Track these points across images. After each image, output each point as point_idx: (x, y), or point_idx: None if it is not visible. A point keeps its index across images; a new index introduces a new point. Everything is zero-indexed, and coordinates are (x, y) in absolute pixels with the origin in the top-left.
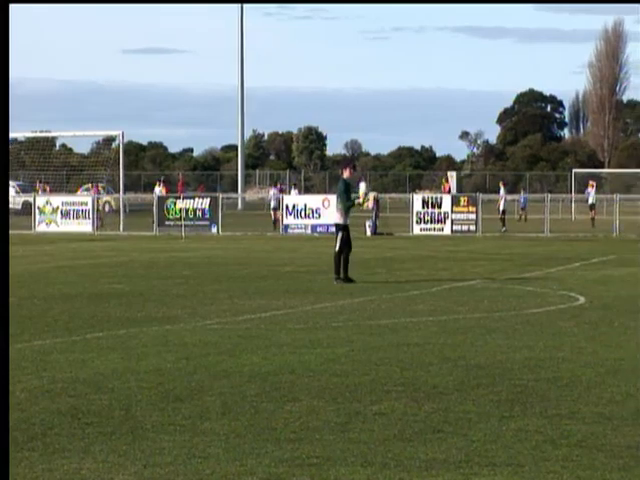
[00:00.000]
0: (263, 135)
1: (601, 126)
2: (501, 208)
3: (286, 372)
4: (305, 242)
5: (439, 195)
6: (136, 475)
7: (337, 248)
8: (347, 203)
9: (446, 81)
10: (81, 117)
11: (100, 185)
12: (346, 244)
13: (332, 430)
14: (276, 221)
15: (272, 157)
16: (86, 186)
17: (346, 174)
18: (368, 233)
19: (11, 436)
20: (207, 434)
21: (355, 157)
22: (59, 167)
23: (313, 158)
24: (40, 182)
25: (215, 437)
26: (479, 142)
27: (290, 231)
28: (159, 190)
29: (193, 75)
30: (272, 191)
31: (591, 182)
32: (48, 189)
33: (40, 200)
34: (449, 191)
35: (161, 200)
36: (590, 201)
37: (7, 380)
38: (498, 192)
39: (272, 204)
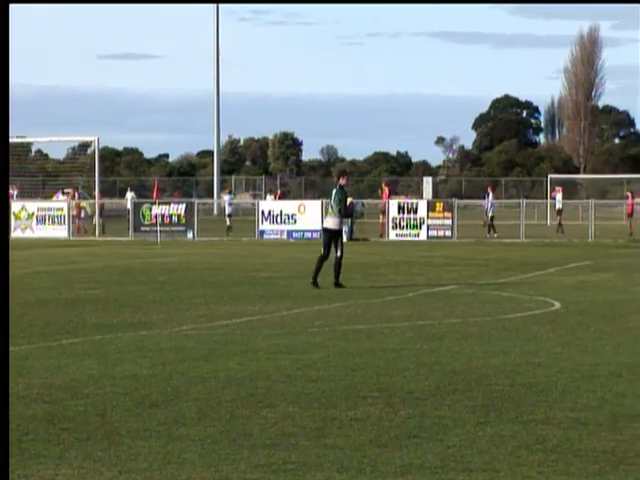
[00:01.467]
0: (239, 141)
1: (577, 132)
2: (490, 214)
3: (262, 378)
4: (281, 248)
5: (415, 201)
6: None
7: (339, 253)
8: (344, 209)
9: (422, 86)
10: (56, 123)
11: (72, 190)
12: (328, 250)
13: (308, 436)
14: (230, 228)
15: (248, 163)
16: (68, 191)
17: (342, 181)
18: (344, 239)
19: None
20: (182, 440)
21: (331, 163)
22: (35, 173)
23: (289, 164)
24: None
25: (190, 443)
26: (455, 148)
27: (266, 237)
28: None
29: (169, 80)
30: (226, 197)
31: (557, 187)
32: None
33: (16, 206)
34: (388, 197)
35: (136, 206)
36: (557, 206)
37: (7, 381)
38: (486, 198)
39: (227, 210)
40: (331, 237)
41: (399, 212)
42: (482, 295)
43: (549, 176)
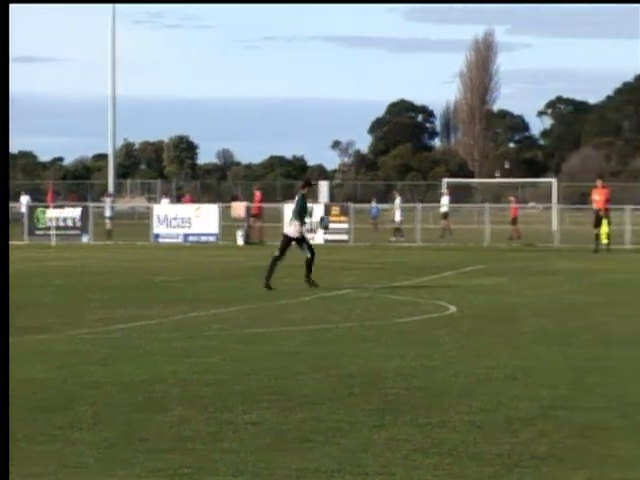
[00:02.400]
0: (134, 144)
1: (471, 136)
2: (397, 218)
3: (158, 382)
4: (177, 251)
5: (311, 205)
6: None
7: (309, 255)
8: (305, 217)
9: (317, 90)
10: None
11: None
12: (311, 251)
13: (203, 440)
14: (110, 231)
15: (143, 166)
16: None
17: (304, 190)
18: (240, 242)
19: None
20: (78, 444)
21: (227, 166)
22: None
23: (184, 167)
24: None
25: (86, 447)
26: (350, 152)
27: (161, 240)
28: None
29: (64, 83)
30: (107, 200)
31: (444, 190)
32: None
33: None
34: (260, 202)
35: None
36: (442, 209)
37: (7, 381)
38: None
39: (107, 213)
40: (289, 242)
41: None
42: (378, 299)
43: (444, 180)
